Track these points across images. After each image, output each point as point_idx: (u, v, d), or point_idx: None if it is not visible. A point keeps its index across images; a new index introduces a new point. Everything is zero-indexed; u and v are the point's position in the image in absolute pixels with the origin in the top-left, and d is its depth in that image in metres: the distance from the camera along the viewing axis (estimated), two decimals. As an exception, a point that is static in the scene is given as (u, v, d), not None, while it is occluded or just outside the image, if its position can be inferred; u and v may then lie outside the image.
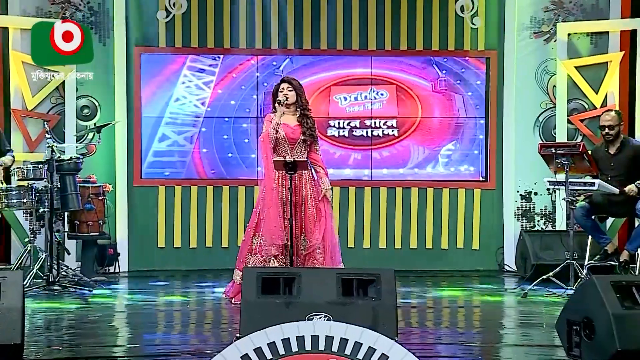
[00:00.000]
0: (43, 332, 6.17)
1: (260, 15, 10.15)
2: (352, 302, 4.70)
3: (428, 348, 5.56)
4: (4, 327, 4.62)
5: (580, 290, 4.85)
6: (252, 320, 4.49)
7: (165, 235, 10.15)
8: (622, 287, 4.67)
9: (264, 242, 6.94)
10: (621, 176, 7.87)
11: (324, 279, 4.79)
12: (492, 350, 5.52)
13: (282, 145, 7.04)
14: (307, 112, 7.14)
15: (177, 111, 10.29)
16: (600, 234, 8.03)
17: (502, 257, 10.02)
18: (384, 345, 3.14)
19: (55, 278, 8.03)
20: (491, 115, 10.24)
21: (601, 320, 4.57)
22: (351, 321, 4.60)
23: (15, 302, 4.69)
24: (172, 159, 10.34)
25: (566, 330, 4.86)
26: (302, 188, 6.99)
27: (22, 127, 9.73)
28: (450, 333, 6.25)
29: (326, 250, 7.02)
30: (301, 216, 6.96)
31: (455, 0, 10.20)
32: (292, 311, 4.61)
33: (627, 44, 9.84)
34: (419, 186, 10.25)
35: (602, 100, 9.81)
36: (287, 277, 4.78)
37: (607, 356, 4.53)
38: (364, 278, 4.82)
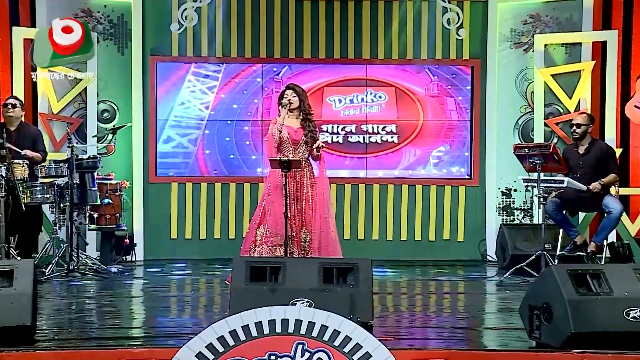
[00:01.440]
0: (64, 315, 6.18)
1: (264, 27, 10.14)
2: (332, 289, 4.72)
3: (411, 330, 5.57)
4: (16, 310, 4.66)
5: (541, 278, 4.87)
6: (241, 304, 4.48)
7: (178, 228, 10.15)
8: (578, 276, 4.70)
9: (269, 232, 6.95)
10: (589, 174, 7.86)
11: (307, 268, 4.81)
12: (475, 334, 5.50)
13: (286, 145, 7.05)
14: (309, 117, 7.15)
15: (182, 114, 10.26)
16: (570, 227, 8.01)
17: (485, 248, 10.02)
18: (348, 328, 3.15)
19: (75, 266, 8.06)
20: (475, 119, 10.22)
21: (558, 305, 4.59)
22: (331, 306, 4.63)
23: (26, 288, 4.73)
24: (177, 160, 10.31)
25: (528, 314, 4.88)
26: (302, 185, 6.99)
27: (48, 129, 9.76)
28: (436, 317, 6.24)
29: (327, 242, 7.03)
30: (302, 211, 6.96)
31: (442, 13, 10.16)
32: (277, 297, 4.63)
33: (598, 54, 9.81)
34: (409, 184, 10.24)
35: (575, 105, 9.78)
36: (273, 266, 4.81)
37: (563, 338, 4.55)
38: (343, 267, 4.84)
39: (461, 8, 10.18)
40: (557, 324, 4.59)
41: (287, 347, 3.09)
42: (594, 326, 4.53)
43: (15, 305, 4.66)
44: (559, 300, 4.58)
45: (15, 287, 4.73)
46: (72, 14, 9.85)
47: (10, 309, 4.66)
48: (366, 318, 4.64)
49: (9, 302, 4.67)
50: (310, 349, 3.09)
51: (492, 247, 9.79)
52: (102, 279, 8.02)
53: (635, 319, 4.55)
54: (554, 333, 4.62)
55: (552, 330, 4.64)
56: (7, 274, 4.80)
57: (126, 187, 9.68)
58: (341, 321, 3.16)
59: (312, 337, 3.12)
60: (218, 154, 10.28)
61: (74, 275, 7.97)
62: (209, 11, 10.14)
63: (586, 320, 4.53)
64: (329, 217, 7.17)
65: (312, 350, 3.09)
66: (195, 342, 3.11)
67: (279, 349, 3.09)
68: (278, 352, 3.08)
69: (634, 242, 9.07)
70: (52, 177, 8.21)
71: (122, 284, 8.02)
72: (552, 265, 4.73)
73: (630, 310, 4.56)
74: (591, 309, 4.56)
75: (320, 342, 3.10)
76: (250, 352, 3.09)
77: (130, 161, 10.01)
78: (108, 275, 8.24)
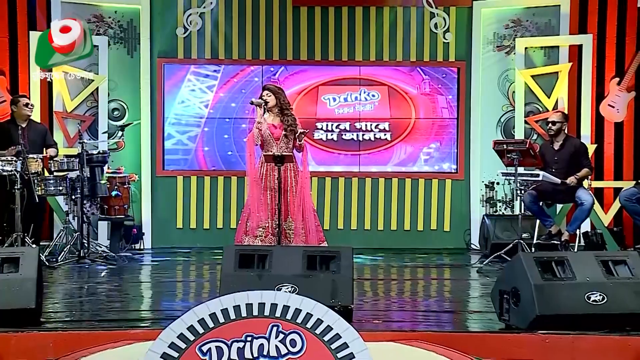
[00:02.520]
0: (73, 299, 6.23)
1: (263, 31, 10.14)
2: (315, 275, 4.73)
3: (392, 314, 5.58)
4: (21, 294, 4.69)
5: (510, 265, 4.88)
6: (230, 289, 4.47)
7: (183, 218, 10.15)
8: (544, 262, 4.71)
9: (251, 224, 6.95)
10: (563, 169, 7.85)
11: (292, 255, 4.81)
12: (450, 316, 5.52)
13: (268, 141, 7.00)
14: (286, 111, 7.04)
15: (182, 112, 10.24)
16: (545, 218, 8.01)
17: (469, 237, 10.00)
18: (320, 312, 3.15)
19: (85, 253, 8.07)
20: (461, 116, 10.20)
21: (525, 290, 4.61)
22: (314, 291, 4.66)
23: (31, 273, 4.75)
24: (177, 157, 10.28)
25: (498, 298, 4.89)
26: (287, 178, 6.95)
27: (63, 126, 9.77)
28: (416, 301, 6.26)
29: (309, 230, 7.01)
30: (286, 202, 6.91)
31: (430, 18, 10.15)
32: (264, 282, 4.63)
33: (575, 57, 9.79)
34: (398, 177, 10.24)
35: (553, 104, 9.76)
36: (260, 254, 4.81)
37: (529, 320, 4.57)
38: (326, 255, 4.84)
39: (447, 13, 10.16)
40: (524, 307, 4.61)
41: (262, 328, 3.09)
42: (557, 309, 4.55)
43: (21, 289, 4.69)
44: (526, 285, 4.60)
45: (21, 272, 4.76)
46: (85, 20, 9.85)
47: (15, 293, 4.69)
48: (347, 302, 4.66)
49: (14, 286, 4.70)
50: (284, 330, 3.10)
51: (476, 236, 9.78)
52: (111, 266, 8.02)
53: (596, 302, 4.57)
54: (521, 315, 4.64)
55: (520, 313, 4.66)
56: (13, 261, 4.82)
57: (135, 180, 9.68)
58: (314, 305, 3.16)
59: (287, 319, 3.12)
60: (216, 150, 10.26)
61: (85, 261, 7.98)
62: (212, 16, 10.14)
63: (550, 304, 4.54)
64: (312, 207, 7.16)
65: (286, 332, 3.09)
66: (178, 324, 3.11)
67: (255, 331, 3.09)
68: (254, 333, 3.08)
69: (606, 231, 9.07)
70: (64, 170, 8.24)
71: (129, 270, 8.01)
72: (520, 253, 4.74)
73: (591, 294, 4.58)
74: (555, 293, 4.58)
75: (293, 324, 3.10)
76: (228, 333, 3.09)
77: (138, 156, 10.02)
78: (116, 262, 8.25)
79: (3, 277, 4.76)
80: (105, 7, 10.00)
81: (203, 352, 3.06)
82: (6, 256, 4.85)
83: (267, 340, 3.08)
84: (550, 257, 4.74)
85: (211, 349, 3.06)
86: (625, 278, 4.69)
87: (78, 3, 9.89)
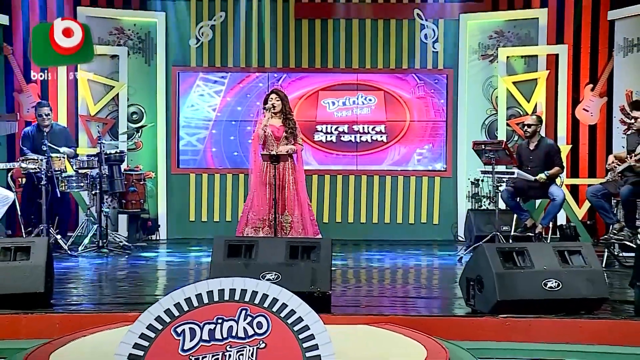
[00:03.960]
0: (91, 284, 6.28)
1: (268, 41, 10.14)
2: (296, 264, 4.75)
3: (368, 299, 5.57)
4: (31, 280, 4.75)
5: (476, 255, 4.88)
6: (219, 277, 4.52)
7: (195, 211, 10.17)
8: (505, 252, 4.73)
9: (252, 216, 6.97)
10: (538, 167, 7.80)
11: (276, 246, 4.82)
12: (424, 302, 5.52)
13: (270, 141, 7.05)
14: (289, 116, 7.12)
15: (192, 116, 10.25)
16: (521, 212, 7.96)
17: (456, 230, 9.96)
18: (285, 297, 3.15)
19: (104, 243, 8.12)
20: (449, 119, 10.17)
21: (488, 278, 4.63)
22: (295, 278, 4.68)
23: (40, 261, 4.81)
24: (186, 157, 10.27)
25: (465, 285, 4.90)
26: (284, 175, 6.98)
27: (87, 128, 9.82)
28: (393, 287, 6.26)
29: (305, 223, 7.04)
30: (283, 197, 6.94)
31: (420, 30, 10.12)
32: (250, 270, 4.64)
33: (553, 65, 9.73)
34: (392, 175, 10.23)
35: (532, 108, 9.70)
36: (247, 244, 4.83)
37: (491, 305, 4.59)
38: (307, 245, 4.85)
39: (436, 25, 10.13)
40: (487, 293, 4.63)
41: (232, 312, 3.09)
42: (516, 295, 4.57)
43: (31, 275, 4.75)
44: (488, 274, 4.61)
45: (32, 260, 4.82)
46: (107, 32, 9.93)
47: (26, 278, 4.74)
48: (325, 288, 4.67)
49: (26, 272, 4.75)
50: (252, 313, 3.09)
51: (462, 229, 9.75)
52: (127, 254, 8.08)
53: (552, 288, 4.57)
54: (485, 301, 4.66)
55: (483, 298, 4.67)
56: (25, 250, 4.88)
57: (151, 177, 9.75)
58: (280, 290, 3.16)
59: (254, 303, 3.11)
60: (223, 151, 10.26)
61: (103, 250, 8.03)
62: (222, 28, 10.16)
63: (510, 290, 4.56)
64: (307, 201, 7.16)
65: (253, 315, 3.09)
66: (155, 307, 3.12)
67: (226, 314, 3.09)
68: (224, 316, 3.08)
69: (580, 224, 9.00)
70: (85, 168, 8.27)
71: (144, 258, 8.05)
72: (483, 244, 4.72)
73: (548, 281, 4.59)
74: (515, 280, 4.60)
75: (260, 308, 3.10)
76: (201, 316, 3.09)
77: (155, 155, 10.05)
78: (132, 251, 8.30)
79: (15, 264, 4.82)
80: (125, 20, 10.03)
81: (177, 333, 3.06)
82: (18, 245, 4.91)
83: (236, 322, 3.08)
84: (511, 248, 4.76)
85: (185, 330, 3.06)
86: (579, 267, 4.70)
87: (102, 17, 9.93)
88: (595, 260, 4.72)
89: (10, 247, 4.90)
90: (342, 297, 5.42)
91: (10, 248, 4.89)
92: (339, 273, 6.87)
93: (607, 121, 9.52)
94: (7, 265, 4.81)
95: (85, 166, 8.22)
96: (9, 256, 4.86)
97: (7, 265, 4.81)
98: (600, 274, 4.67)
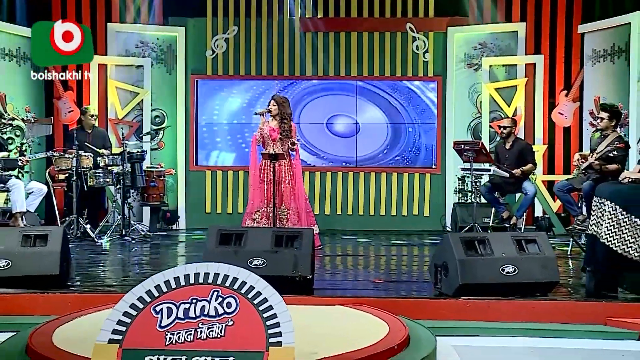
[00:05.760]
0: (114, 268, 6.30)
1: (276, 52, 10.15)
2: (280, 251, 4.75)
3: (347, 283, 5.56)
4: (48, 263, 4.80)
5: (442, 243, 4.86)
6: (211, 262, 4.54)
7: (211, 204, 10.20)
8: (468, 241, 4.71)
9: (250, 209, 7.00)
10: (512, 164, 7.77)
11: (263, 235, 4.82)
12: (397, 285, 5.52)
13: (267, 141, 7.06)
14: (285, 120, 7.10)
15: (208, 119, 10.29)
16: (498, 205, 7.93)
17: (445, 221, 9.89)
18: (252, 280, 3.16)
19: (127, 232, 8.19)
20: (438, 121, 10.15)
21: (452, 264, 4.61)
22: (280, 264, 4.69)
23: (56, 247, 4.86)
24: (202, 156, 10.29)
25: (434, 270, 4.88)
26: (281, 172, 6.98)
27: (115, 130, 9.89)
28: (374, 273, 6.23)
29: (300, 215, 7.04)
30: (280, 192, 6.94)
31: (412, 41, 10.08)
32: (239, 257, 4.65)
33: (531, 73, 9.67)
34: (387, 171, 10.21)
35: (512, 112, 9.64)
36: (237, 234, 4.84)
37: (454, 288, 4.57)
38: (291, 234, 4.86)
39: (427, 37, 10.08)
40: (451, 277, 4.61)
41: (205, 293, 3.11)
42: (477, 279, 4.55)
43: (48, 259, 4.80)
44: (452, 260, 4.59)
45: (48, 246, 4.86)
46: (134, 45, 9.98)
47: (44, 262, 4.80)
48: (306, 273, 4.68)
49: (43, 256, 4.80)
50: (222, 295, 3.10)
51: (450, 220, 9.72)
52: (148, 242, 8.12)
53: (509, 273, 4.56)
54: (449, 285, 4.64)
55: (448, 282, 4.66)
56: (43, 237, 4.94)
57: (172, 173, 9.80)
58: (248, 274, 3.17)
59: (225, 286, 3.12)
60: (235, 150, 10.31)
61: (126, 238, 8.10)
62: (235, 41, 10.19)
63: (471, 275, 4.54)
64: (304, 195, 7.17)
65: (224, 296, 3.10)
66: (138, 289, 3.14)
67: (199, 295, 3.10)
68: (198, 296, 3.10)
69: (554, 216, 8.97)
70: (111, 166, 8.34)
71: (162, 246, 8.10)
72: (448, 233, 4.70)
73: (505, 267, 4.57)
74: (476, 266, 4.57)
75: (230, 290, 3.11)
76: (178, 296, 3.10)
77: (175, 154, 10.09)
78: (151, 238, 8.35)
79: (35, 249, 4.88)
80: (149, 34, 10.07)
81: (156, 311, 3.08)
82: (37, 233, 4.97)
83: (209, 302, 3.10)
84: (473, 237, 4.73)
85: (163, 309, 3.08)
86: (535, 254, 4.68)
87: (129, 32, 9.99)
88: (549, 249, 4.69)
89: (31, 234, 4.96)
90: (327, 280, 5.41)
91: (30, 235, 4.95)
92: (329, 259, 6.86)
93: (580, 123, 9.45)
94: (27, 251, 4.87)
95: (111, 164, 8.29)
96: (29, 242, 4.92)
97: (27, 250, 4.87)
98: (553, 260, 4.64)
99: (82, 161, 7.99)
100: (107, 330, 3.05)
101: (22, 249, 4.86)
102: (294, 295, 4.42)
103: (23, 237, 4.92)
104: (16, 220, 7.34)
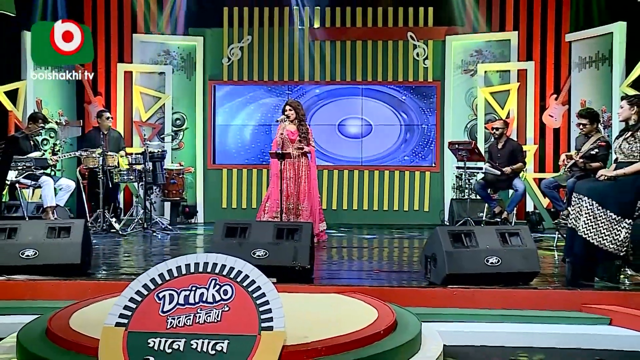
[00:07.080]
0: (134, 256, 6.33)
1: (287, 59, 10.16)
2: (281, 243, 4.74)
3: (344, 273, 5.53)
4: (70, 253, 4.83)
5: (432, 236, 4.84)
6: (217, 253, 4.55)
7: (227, 200, 10.24)
8: (455, 234, 4.68)
9: (270, 206, 7.01)
10: (504, 162, 7.72)
11: (266, 228, 4.81)
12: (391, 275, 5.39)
13: (287, 143, 7.06)
14: (302, 122, 7.13)
15: (225, 121, 10.31)
16: (491, 201, 7.88)
17: (443, 216, 9.87)
18: (247, 269, 3.17)
19: (149, 225, 8.23)
20: (437, 123, 10.11)
21: (440, 255, 4.59)
22: (281, 255, 4.68)
23: (78, 238, 4.89)
24: (220, 155, 10.31)
25: (424, 261, 4.86)
26: (300, 171, 6.98)
27: (139, 131, 9.95)
28: (370, 263, 6.17)
29: (314, 212, 7.04)
30: (297, 191, 6.96)
31: (413, 49, 10.06)
32: (244, 248, 4.64)
33: (523, 78, 9.63)
34: (390, 169, 10.19)
35: (506, 114, 9.59)
36: (242, 227, 4.83)
37: (442, 278, 4.55)
38: (291, 227, 4.84)
39: (426, 45, 10.06)
40: (439, 268, 4.59)
41: (204, 281, 3.12)
42: (463, 269, 4.53)
43: (70, 249, 4.84)
44: (440, 252, 4.58)
45: (71, 237, 4.90)
46: (157, 54, 10.03)
47: (67, 252, 4.84)
48: (304, 263, 4.67)
49: (66, 247, 4.85)
50: (220, 283, 3.12)
51: (447, 215, 9.68)
52: (167, 234, 8.14)
53: (493, 264, 4.53)
54: (437, 274, 4.62)
55: (437, 272, 4.64)
56: (66, 229, 4.97)
57: (191, 172, 9.84)
58: (244, 264, 3.18)
59: (223, 275, 3.13)
60: (249, 150, 10.30)
61: (147, 231, 8.13)
62: (249, 49, 10.22)
63: (457, 265, 4.52)
64: (317, 196, 7.18)
65: (221, 284, 3.11)
66: (143, 277, 3.17)
67: (199, 283, 3.12)
68: (198, 284, 3.11)
69: (544, 211, 8.91)
70: (134, 164, 8.37)
71: (181, 238, 8.10)
72: (438, 227, 4.68)
73: (489, 258, 4.55)
74: (461, 257, 4.55)
75: (227, 278, 3.13)
76: (179, 284, 3.12)
77: (194, 153, 10.14)
78: (171, 231, 8.38)
79: (59, 240, 4.92)
80: (171, 44, 10.13)
81: (159, 297, 3.10)
82: (61, 226, 5.00)
83: (207, 289, 3.11)
84: (460, 230, 4.71)
85: (165, 296, 3.10)
86: (517, 246, 4.65)
87: (152, 42, 10.05)
88: (531, 241, 4.66)
89: (55, 227, 5.00)
90: (327, 270, 5.40)
91: (55, 228, 4.99)
92: (334, 251, 6.84)
93: (568, 125, 9.38)
94: (52, 242, 4.91)
95: (134, 162, 8.32)
96: (54, 234, 4.96)
97: (52, 241, 4.92)
98: (534, 252, 4.61)
99: (107, 160, 8.04)
100: (115, 314, 3.07)
101: (48, 240, 4.90)
102: (294, 284, 4.45)
103: (49, 229, 4.96)
104: (47, 214, 7.40)
